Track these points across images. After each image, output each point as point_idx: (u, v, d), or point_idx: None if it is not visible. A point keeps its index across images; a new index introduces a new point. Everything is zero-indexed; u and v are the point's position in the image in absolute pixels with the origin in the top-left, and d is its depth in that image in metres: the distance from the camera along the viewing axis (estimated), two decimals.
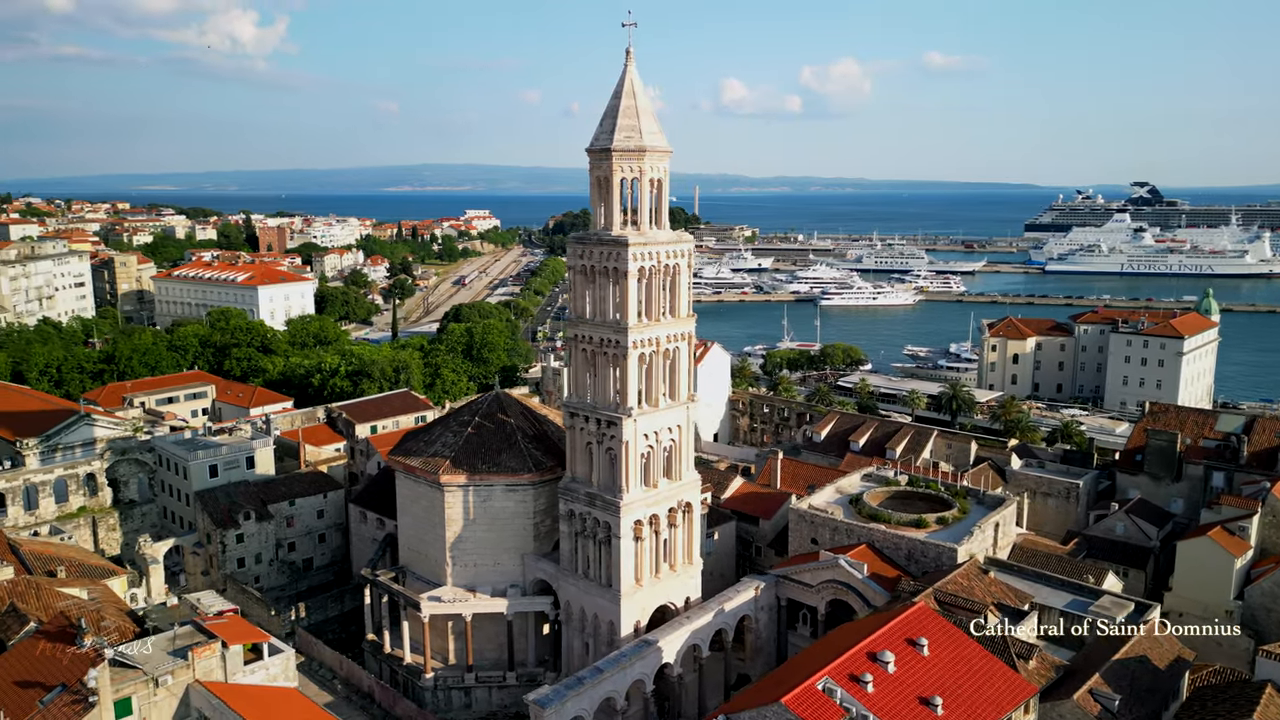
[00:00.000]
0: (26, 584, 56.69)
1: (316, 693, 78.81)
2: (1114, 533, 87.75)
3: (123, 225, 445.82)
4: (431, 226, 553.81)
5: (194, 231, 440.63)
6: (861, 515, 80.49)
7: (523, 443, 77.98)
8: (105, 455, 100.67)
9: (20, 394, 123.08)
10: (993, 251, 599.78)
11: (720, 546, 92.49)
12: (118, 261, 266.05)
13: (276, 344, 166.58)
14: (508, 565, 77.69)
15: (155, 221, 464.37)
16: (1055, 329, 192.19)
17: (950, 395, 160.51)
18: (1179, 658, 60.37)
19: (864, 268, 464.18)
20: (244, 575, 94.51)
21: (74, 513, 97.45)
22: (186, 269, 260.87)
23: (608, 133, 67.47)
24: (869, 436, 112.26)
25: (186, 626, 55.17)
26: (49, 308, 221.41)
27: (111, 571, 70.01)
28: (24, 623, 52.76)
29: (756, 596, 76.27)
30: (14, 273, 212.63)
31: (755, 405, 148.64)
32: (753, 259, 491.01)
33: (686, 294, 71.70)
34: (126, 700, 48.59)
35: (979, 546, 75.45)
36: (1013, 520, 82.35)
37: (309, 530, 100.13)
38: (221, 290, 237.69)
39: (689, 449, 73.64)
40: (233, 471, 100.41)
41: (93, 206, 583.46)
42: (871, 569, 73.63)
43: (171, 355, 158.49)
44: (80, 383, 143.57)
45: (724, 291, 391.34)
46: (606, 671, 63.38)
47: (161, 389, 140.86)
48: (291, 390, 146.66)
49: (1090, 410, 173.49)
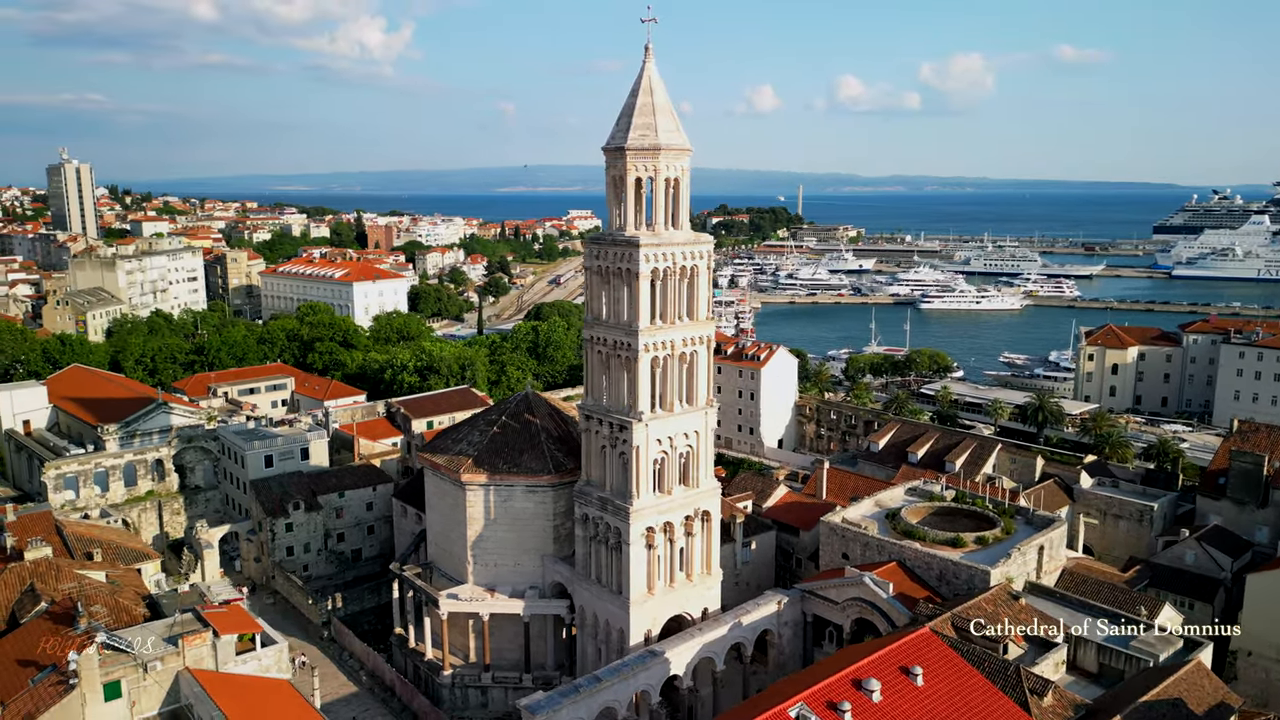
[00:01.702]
0: (49, 565, 59.54)
1: (344, 683, 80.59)
2: (1183, 561, 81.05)
3: (245, 223, 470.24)
4: (534, 226, 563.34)
5: (309, 229, 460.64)
6: (896, 531, 76.71)
7: (546, 444, 77.52)
8: (173, 442, 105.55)
9: (109, 381, 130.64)
10: (1115, 255, 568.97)
11: (758, 557, 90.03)
12: (229, 257, 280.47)
13: (357, 339, 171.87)
14: (527, 566, 77.39)
15: (274, 220, 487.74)
16: (1160, 338, 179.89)
17: (1036, 406, 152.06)
18: (1222, 702, 54.83)
19: (970, 270, 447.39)
20: (293, 563, 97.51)
21: (142, 496, 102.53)
22: (290, 265, 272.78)
23: (623, 131, 66.23)
24: (929, 448, 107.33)
25: (187, 614, 56.79)
26: (162, 300, 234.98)
27: (146, 555, 73.04)
28: (37, 603, 55.37)
29: (779, 611, 73.59)
30: (130, 267, 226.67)
31: (822, 411, 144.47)
32: (853, 260, 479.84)
33: (706, 296, 69.80)
34: (116, 684, 50.20)
35: (1018, 570, 70.69)
36: (1062, 543, 76.88)
37: (358, 522, 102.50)
38: (320, 286, 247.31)
39: (707, 456, 71.64)
40: (288, 462, 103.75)
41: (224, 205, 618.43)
42: (900, 588, 69.99)
43: (260, 348, 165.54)
44: (172, 372, 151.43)
45: (819, 293, 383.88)
46: (606, 680, 62.08)
47: (244, 380, 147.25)
48: (366, 384, 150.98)
49: (1195, 426, 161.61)
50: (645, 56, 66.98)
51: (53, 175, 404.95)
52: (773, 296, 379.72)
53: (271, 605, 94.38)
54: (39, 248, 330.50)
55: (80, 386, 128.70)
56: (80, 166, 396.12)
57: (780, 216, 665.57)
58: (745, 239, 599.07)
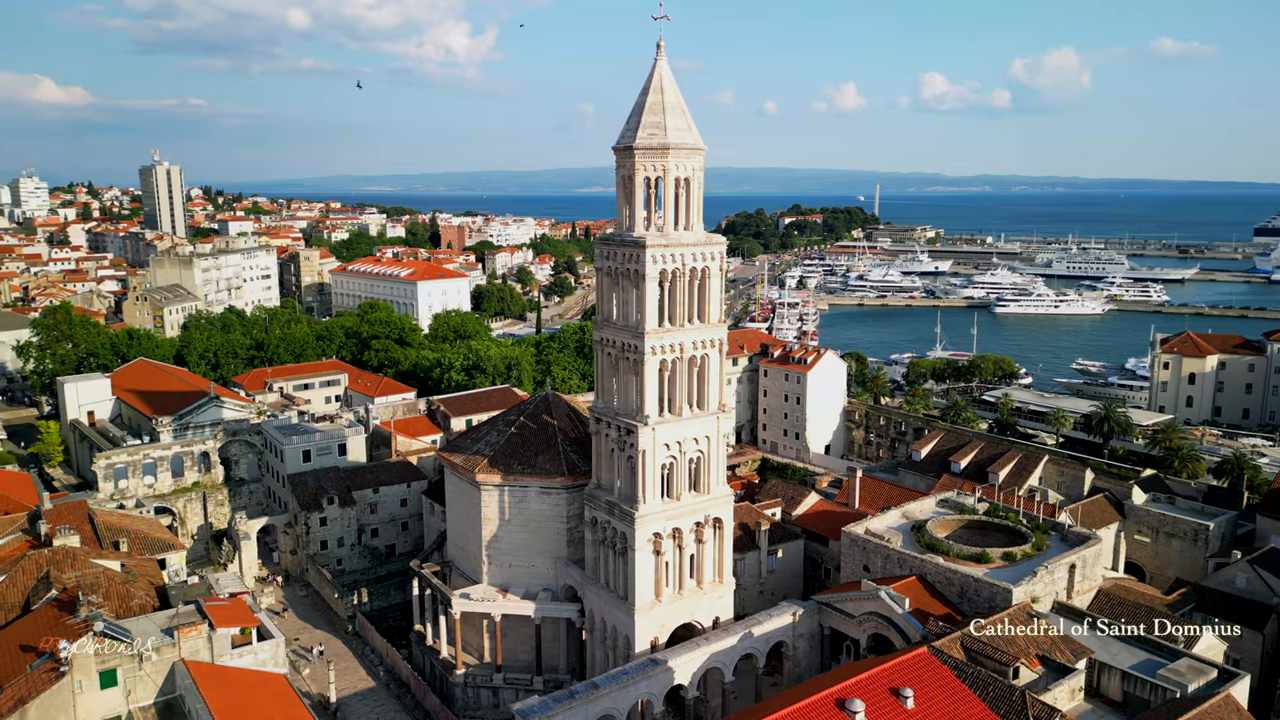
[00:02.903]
0: (66, 553, 61.55)
1: (363, 677, 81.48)
2: (1234, 585, 75.95)
3: (324, 223, 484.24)
4: (605, 226, 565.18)
5: (385, 229, 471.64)
6: (919, 544, 73.89)
7: (562, 445, 77.01)
8: (218, 435, 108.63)
9: (170, 375, 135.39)
10: (1211, 258, 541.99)
11: (785, 566, 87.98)
12: (302, 256, 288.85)
13: (412, 337, 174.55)
14: (541, 568, 77.04)
15: (353, 220, 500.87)
16: (1243, 346, 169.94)
17: (1102, 416, 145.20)
18: None
19: (1052, 273, 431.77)
20: (326, 557, 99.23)
21: (188, 487, 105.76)
22: (359, 264, 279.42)
23: (631, 130, 65.23)
24: (972, 458, 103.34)
25: (190, 606, 57.96)
26: (237, 297, 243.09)
27: (171, 546, 74.98)
28: (49, 590, 57.24)
29: (794, 622, 71.57)
30: (206, 264, 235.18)
31: (871, 417, 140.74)
32: (929, 261, 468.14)
33: (718, 299, 68.28)
34: (112, 672, 51.46)
35: (1044, 589, 67.24)
36: (1098, 562, 72.88)
37: (392, 518, 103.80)
38: (386, 284, 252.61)
39: (719, 461, 70.04)
40: (325, 457, 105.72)
41: (308, 205, 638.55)
42: (918, 604, 67.33)
43: (318, 344, 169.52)
44: (233, 367, 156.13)
45: (889, 295, 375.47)
46: (604, 687, 61.17)
47: (299, 375, 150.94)
48: (416, 382, 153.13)
49: (1278, 440, 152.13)
50: (657, 54, 65.86)
51: (145, 176, 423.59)
52: (841, 298, 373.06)
53: (304, 597, 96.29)
54: (129, 246, 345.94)
55: (142, 379, 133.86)
56: (171, 168, 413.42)
57: (855, 217, 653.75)
58: (818, 239, 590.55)
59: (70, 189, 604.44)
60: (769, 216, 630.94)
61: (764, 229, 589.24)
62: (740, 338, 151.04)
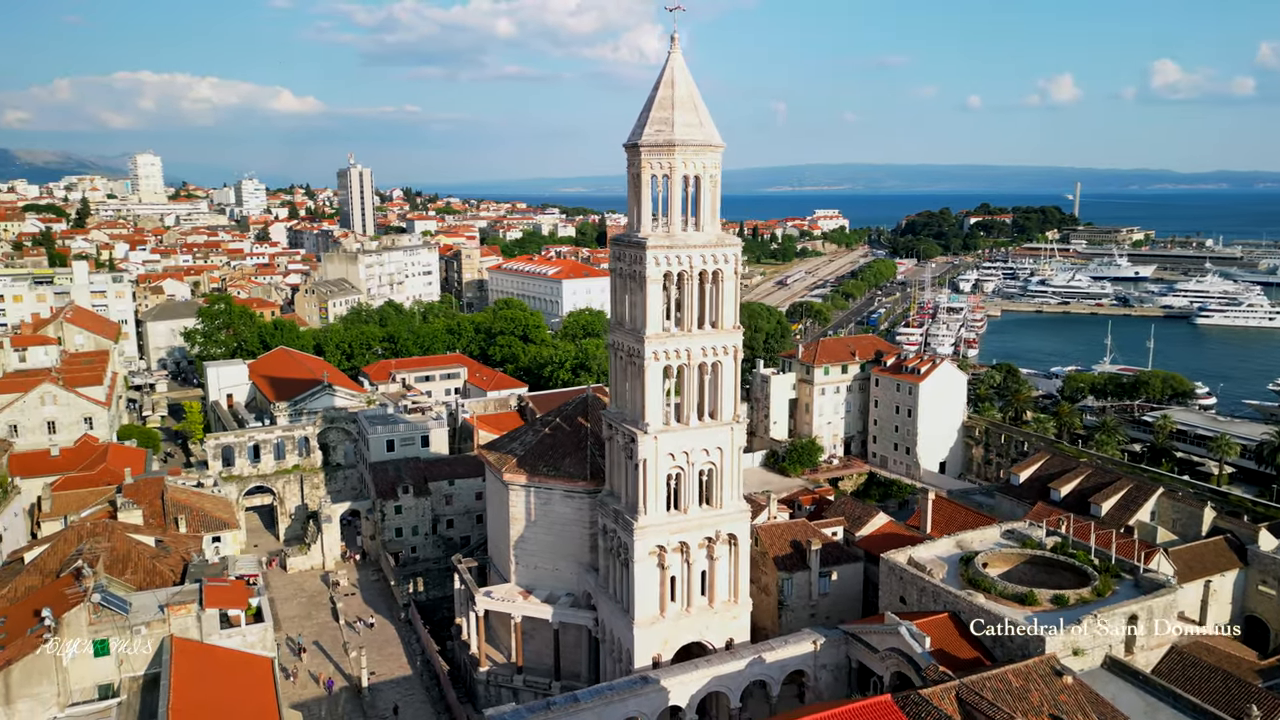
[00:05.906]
0: (104, 527, 66.65)
1: (403, 664, 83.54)
2: None
3: (502, 222, 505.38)
4: (774, 226, 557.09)
5: (556, 229, 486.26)
6: (962, 578, 66.94)
7: (590, 449, 75.61)
8: (317, 422, 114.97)
9: (300, 364, 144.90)
10: None
11: (843, 589, 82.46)
12: (464, 254, 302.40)
13: (536, 334, 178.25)
14: (565, 572, 76.00)
15: (528, 219, 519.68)
16: None
17: (1274, 445, 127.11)
18: None
19: (1275, 281, 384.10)
20: (400, 544, 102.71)
21: (288, 469, 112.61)
22: (513, 262, 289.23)
23: (639, 126, 62.81)
24: (1076, 485, 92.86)
25: (194, 585, 61.15)
26: (398, 292, 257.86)
27: (227, 525, 79.82)
28: (76, 560, 62.04)
29: (815, 651, 66.72)
30: (369, 260, 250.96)
31: (992, 434, 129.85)
32: (1127, 266, 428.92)
33: (733, 303, 64.59)
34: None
35: (1092, 640, 58.99)
36: (1172, 612, 63.16)
37: (467, 510, 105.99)
38: (534, 282, 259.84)
39: (733, 475, 66.31)
40: (408, 448, 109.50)
41: (495, 206, 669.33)
42: (943, 644, 60.97)
43: (447, 338, 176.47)
44: (365, 358, 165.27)
45: (1073, 301, 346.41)
46: (584, 702, 59.30)
47: (422, 368, 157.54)
48: (531, 378, 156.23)
49: None
50: (671, 47, 63.07)
51: (341, 178, 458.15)
52: (1017, 304, 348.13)
53: (375, 581, 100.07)
54: (321, 242, 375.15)
55: (276, 367, 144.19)
56: (363, 170, 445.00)
57: (1051, 217, 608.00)
58: (1006, 241, 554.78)
59: (290, 190, 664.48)
60: (954, 216, 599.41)
61: (946, 229, 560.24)
62: (853, 343, 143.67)
